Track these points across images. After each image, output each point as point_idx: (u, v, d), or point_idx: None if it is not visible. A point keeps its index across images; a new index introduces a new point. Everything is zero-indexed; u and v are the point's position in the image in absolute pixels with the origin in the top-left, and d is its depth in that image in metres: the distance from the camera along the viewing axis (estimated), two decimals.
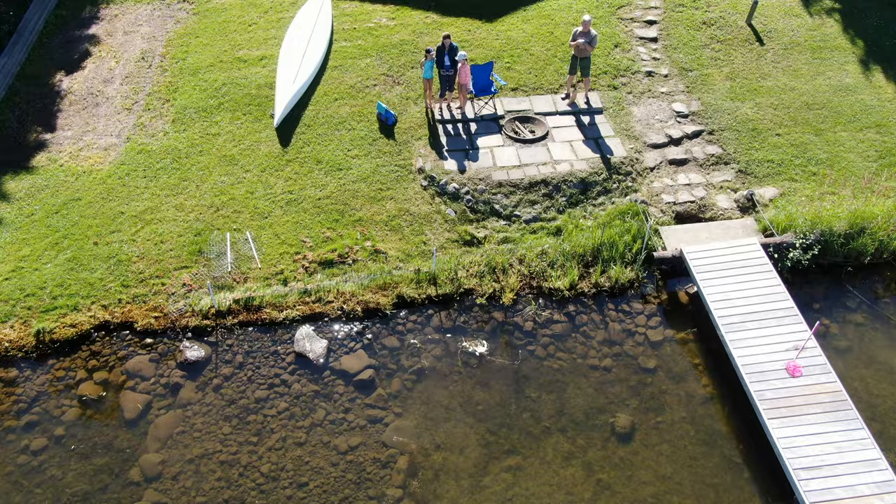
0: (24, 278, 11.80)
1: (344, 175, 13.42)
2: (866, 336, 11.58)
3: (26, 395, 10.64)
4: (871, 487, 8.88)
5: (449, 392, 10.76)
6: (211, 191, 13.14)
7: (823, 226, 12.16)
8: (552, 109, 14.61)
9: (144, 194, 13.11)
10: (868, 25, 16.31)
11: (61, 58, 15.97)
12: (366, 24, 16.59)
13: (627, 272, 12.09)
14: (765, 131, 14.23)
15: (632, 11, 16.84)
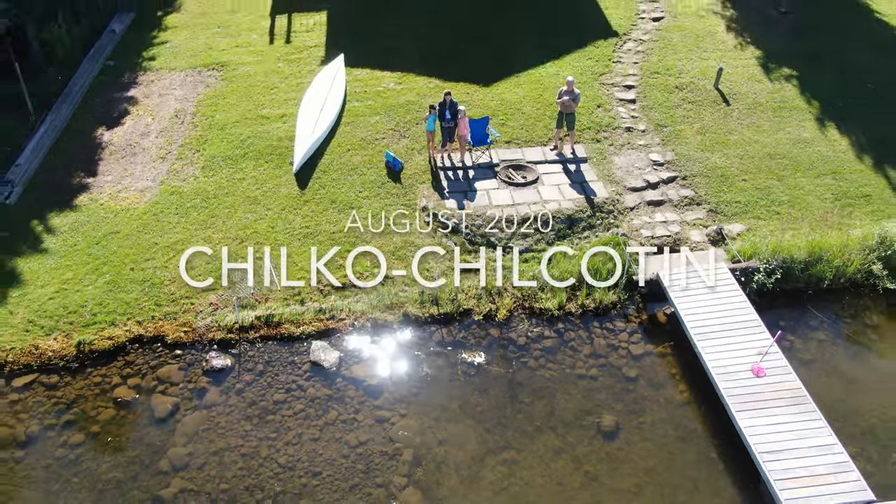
0: (67, 298, 13.12)
1: (356, 212, 14.95)
2: (827, 350, 12.79)
3: (66, 398, 11.74)
4: (827, 468, 9.91)
5: (450, 396, 11.86)
6: (236, 226, 14.64)
7: (784, 254, 13.59)
8: (542, 159, 16.33)
9: (176, 228, 14.59)
10: (822, 89, 18.29)
11: (103, 115, 17.87)
12: (376, 87, 18.59)
13: (611, 295, 13.42)
14: (732, 177, 15.90)
15: (612, 78, 18.90)
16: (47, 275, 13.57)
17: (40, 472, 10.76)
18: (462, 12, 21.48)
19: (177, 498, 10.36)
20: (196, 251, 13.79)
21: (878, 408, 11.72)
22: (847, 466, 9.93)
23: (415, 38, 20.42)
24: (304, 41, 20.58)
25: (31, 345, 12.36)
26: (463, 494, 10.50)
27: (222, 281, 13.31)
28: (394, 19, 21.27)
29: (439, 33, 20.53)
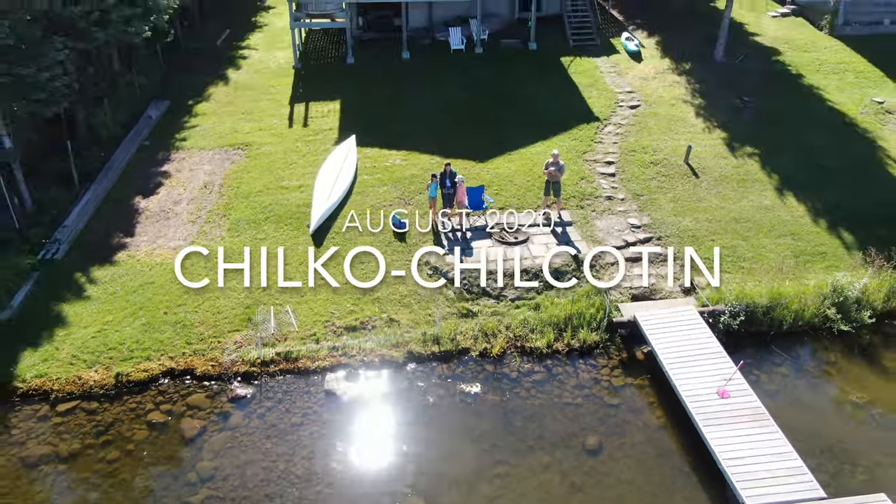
0: (107, 337, 14.67)
1: (364, 267, 16.66)
2: (790, 383, 14.23)
3: (104, 421, 13.08)
4: (783, 471, 11.20)
5: (449, 420, 13.21)
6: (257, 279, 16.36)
7: (747, 299, 15.26)
8: (532, 222, 18.28)
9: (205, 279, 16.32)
10: (782, 164, 20.49)
11: (140, 186, 19.99)
12: (384, 163, 20.83)
13: (594, 335, 14.98)
14: (702, 238, 17.78)
15: (594, 155, 21.19)
16: (90, 317, 15.18)
17: (80, 483, 11.98)
18: (461, 102, 24.09)
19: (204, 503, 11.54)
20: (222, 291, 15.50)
21: (835, 431, 13.04)
22: (801, 470, 11.19)
23: (419, 123, 22.86)
24: (320, 125, 23.07)
25: (75, 375, 13.82)
26: (461, 503, 11.67)
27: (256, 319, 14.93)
28: (400, 108, 23.84)
29: (440, 119, 23.01)
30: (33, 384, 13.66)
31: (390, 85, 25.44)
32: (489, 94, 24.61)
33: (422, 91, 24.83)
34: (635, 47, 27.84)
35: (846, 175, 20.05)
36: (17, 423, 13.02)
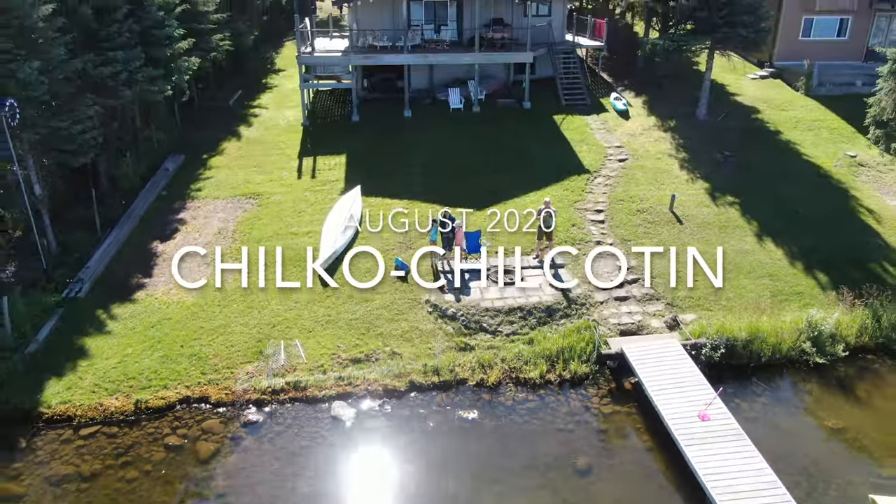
0: (127, 367, 15.63)
1: (369, 304, 17.80)
2: (769, 411, 15.12)
3: (124, 444, 13.91)
4: (759, 486, 12.00)
5: (448, 442, 14.05)
6: (269, 314, 17.43)
7: (727, 333, 16.30)
8: (526, 265, 19.45)
9: (219, 317, 17.37)
10: (761, 212, 21.82)
11: (157, 232, 21.25)
12: (387, 211, 22.09)
13: (584, 367, 15.94)
14: (686, 278, 18.93)
15: (585, 204, 22.55)
16: (110, 350, 16.17)
17: (101, 500, 12.74)
18: (460, 155, 25.61)
19: None
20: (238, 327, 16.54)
21: (810, 453, 13.89)
22: (776, 485, 12.01)
23: (420, 175, 24.32)
24: (327, 177, 24.52)
25: (97, 402, 14.72)
26: None
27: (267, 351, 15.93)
28: (402, 161, 25.34)
29: (440, 171, 24.46)
30: (58, 410, 14.55)
31: (393, 140, 27.05)
32: (486, 148, 26.18)
33: (422, 145, 26.41)
34: (623, 106, 29.67)
35: (821, 222, 21.36)
36: (43, 445, 13.86)
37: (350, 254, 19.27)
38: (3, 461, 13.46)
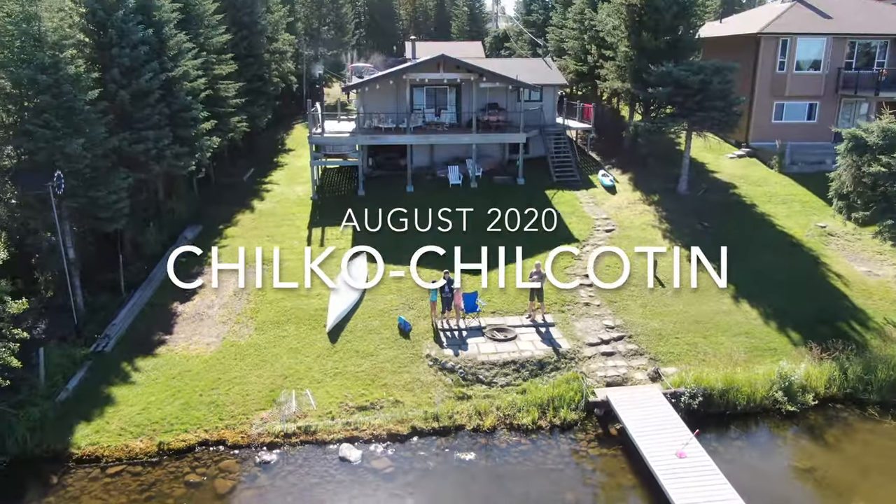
0: (151, 413, 16.91)
1: (374, 359, 19.23)
2: (745, 453, 16.34)
3: (147, 481, 15.06)
4: None
5: (447, 480, 15.19)
6: (281, 367, 18.82)
7: (704, 383, 17.67)
8: (519, 324, 20.99)
9: (235, 369, 18.76)
10: (737, 277, 23.43)
11: (177, 294, 22.80)
12: (390, 275, 23.76)
13: (573, 414, 17.23)
14: (667, 336, 20.43)
15: (574, 269, 24.30)
16: (135, 398, 17.49)
17: None
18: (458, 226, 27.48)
19: None
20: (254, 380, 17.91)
21: (781, 490, 15.05)
22: None
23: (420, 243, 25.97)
24: (335, 245, 26.34)
25: (123, 444, 15.95)
26: None
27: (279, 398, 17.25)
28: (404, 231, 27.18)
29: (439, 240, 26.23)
30: (87, 451, 15.76)
31: (396, 212, 29.01)
32: (482, 220, 28.09)
33: (423, 217, 28.29)
34: (610, 182, 31.94)
35: (793, 286, 23.03)
36: (73, 482, 15.00)
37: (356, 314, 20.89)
38: (38, 496, 14.59)
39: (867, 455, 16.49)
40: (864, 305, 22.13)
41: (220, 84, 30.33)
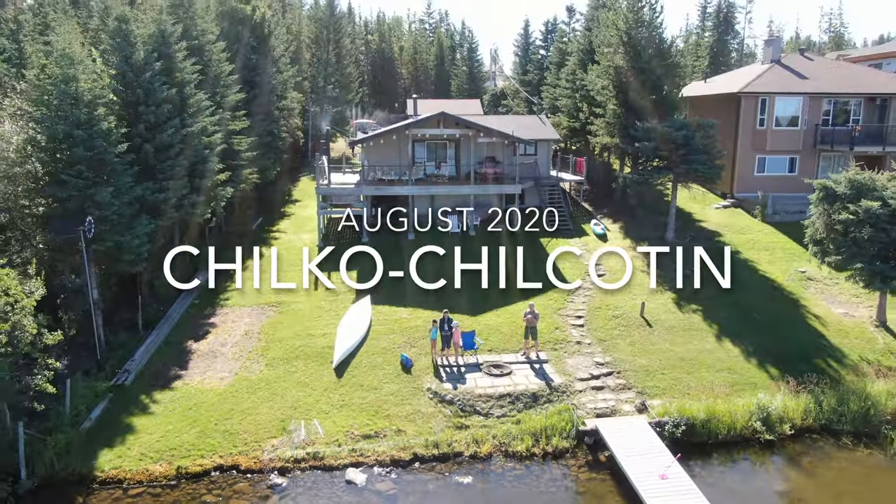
0: (169, 440, 18.06)
1: (378, 392, 20.45)
2: (726, 478, 17.46)
3: (166, 501, 16.17)
4: None
5: (446, 501, 16.26)
6: (291, 400, 20.03)
7: (688, 414, 18.87)
8: (514, 360, 22.27)
9: (247, 402, 19.96)
10: (721, 318, 24.89)
11: (191, 333, 24.20)
12: (393, 317, 25.24)
13: (564, 442, 18.38)
14: (654, 371, 21.68)
15: (566, 311, 25.70)
16: (154, 427, 18.65)
17: None
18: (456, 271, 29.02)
19: None
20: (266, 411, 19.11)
21: None
22: None
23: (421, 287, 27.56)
24: (340, 288, 27.80)
25: (143, 468, 17.06)
26: None
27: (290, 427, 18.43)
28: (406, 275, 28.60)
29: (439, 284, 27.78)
30: (109, 474, 16.87)
31: (398, 258, 30.56)
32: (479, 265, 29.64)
33: (423, 262, 29.79)
34: (602, 230, 33.63)
35: (773, 326, 24.40)
36: (97, 502, 16.07)
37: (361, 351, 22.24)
38: None
39: (841, 481, 17.58)
40: (840, 344, 23.45)
41: (234, 139, 32.34)
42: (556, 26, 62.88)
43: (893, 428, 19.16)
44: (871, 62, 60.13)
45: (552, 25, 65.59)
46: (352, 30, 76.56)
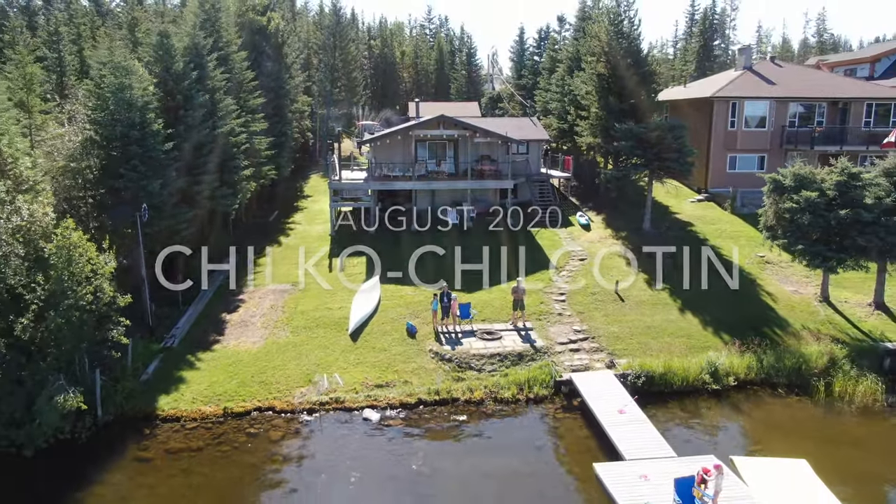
0: (215, 389, 21.73)
1: (387, 352, 24.10)
2: (676, 416, 21.08)
3: (217, 432, 19.78)
4: (651, 443, 17.87)
5: (443, 430, 19.91)
6: (314, 358, 23.68)
7: (648, 368, 22.54)
8: (504, 328, 25.93)
9: (277, 360, 23.62)
10: (685, 295, 28.53)
11: (224, 307, 27.86)
12: (399, 294, 28.86)
13: (544, 390, 22.04)
14: (624, 337, 25.34)
15: (551, 289, 29.34)
16: (201, 379, 22.32)
17: (206, 461, 18.46)
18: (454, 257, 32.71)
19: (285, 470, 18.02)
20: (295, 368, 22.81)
21: (698, 437, 19.73)
22: (664, 445, 17.88)
23: (422, 269, 31.27)
24: (352, 270, 31.47)
25: (196, 409, 20.74)
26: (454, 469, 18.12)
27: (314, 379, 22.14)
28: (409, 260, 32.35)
29: (440, 267, 31.47)
30: (169, 413, 20.54)
31: (402, 246, 34.28)
32: (475, 252, 33.32)
33: (425, 250, 33.58)
34: (586, 221, 37.30)
35: (731, 301, 28.06)
36: (161, 433, 19.74)
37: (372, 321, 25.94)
38: (136, 441, 19.32)
39: (772, 419, 21.25)
40: (786, 316, 27.11)
41: (255, 139, 36.02)
42: (549, 34, 66.63)
43: (820, 380, 22.84)
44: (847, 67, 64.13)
45: (545, 33, 69.41)
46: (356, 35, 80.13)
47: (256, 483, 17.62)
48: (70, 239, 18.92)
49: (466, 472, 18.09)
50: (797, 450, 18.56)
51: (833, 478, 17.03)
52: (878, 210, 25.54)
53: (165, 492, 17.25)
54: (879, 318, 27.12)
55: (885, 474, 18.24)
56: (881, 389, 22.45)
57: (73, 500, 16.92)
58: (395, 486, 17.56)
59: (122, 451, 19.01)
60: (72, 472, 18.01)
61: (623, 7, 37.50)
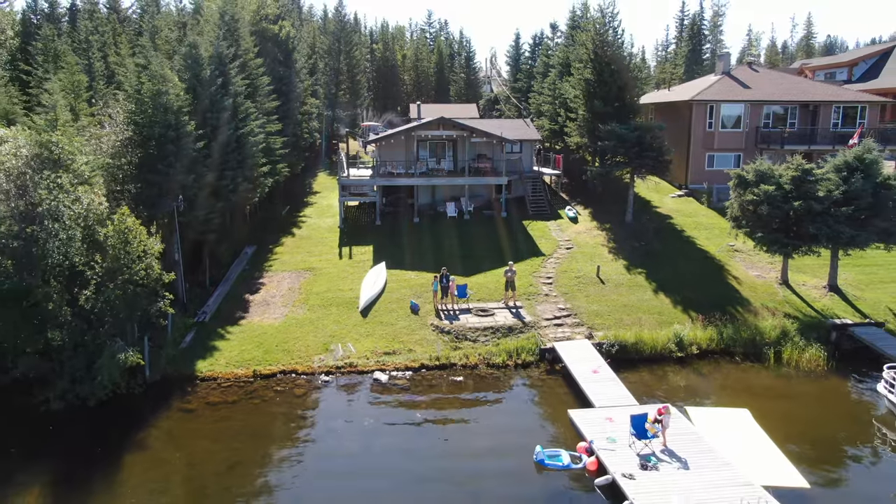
0: (244, 356, 25.05)
1: (394, 326, 27.41)
2: (643, 378, 24.39)
3: (249, 389, 23.10)
4: (620, 397, 21.21)
5: (444, 389, 23.24)
6: (329, 331, 26.99)
7: (621, 338, 25.87)
8: (497, 307, 29.24)
9: (297, 332, 26.93)
10: (660, 278, 31.81)
11: (247, 289, 31.16)
12: (402, 277, 32.19)
13: (530, 357, 25.37)
14: (603, 314, 28.66)
15: (539, 273, 32.65)
16: (231, 347, 25.64)
17: (241, 411, 21.77)
18: (453, 245, 36.05)
19: (309, 416, 21.34)
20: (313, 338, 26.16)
21: (662, 392, 23.04)
22: (630, 398, 21.21)
23: (424, 257, 34.57)
24: (360, 258, 34.79)
25: (230, 371, 24.07)
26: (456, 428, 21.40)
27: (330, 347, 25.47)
28: (412, 248, 35.70)
29: (439, 255, 34.77)
30: (206, 374, 23.88)
31: (405, 236, 37.63)
32: (472, 241, 36.70)
33: (426, 239, 36.96)
34: (574, 214, 40.62)
35: (700, 284, 31.37)
36: (200, 390, 23.06)
37: (380, 301, 29.25)
38: (180, 397, 22.63)
39: (727, 381, 24.55)
40: (748, 296, 30.42)
41: (271, 139, 39.31)
42: (542, 40, 69.97)
43: (772, 349, 26.17)
44: (827, 70, 67.55)
45: (539, 39, 72.77)
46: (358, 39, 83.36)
47: (285, 427, 20.94)
48: (126, 223, 22.22)
49: (462, 419, 21.41)
50: (743, 403, 21.86)
51: (769, 424, 20.33)
52: (827, 202, 28.84)
53: (209, 432, 20.57)
54: (832, 299, 30.43)
55: (815, 420, 21.55)
56: (824, 357, 25.76)
57: (131, 440, 20.22)
58: (403, 428, 20.86)
59: (169, 404, 22.32)
60: (128, 419, 21.31)
61: (608, 18, 40.79)
